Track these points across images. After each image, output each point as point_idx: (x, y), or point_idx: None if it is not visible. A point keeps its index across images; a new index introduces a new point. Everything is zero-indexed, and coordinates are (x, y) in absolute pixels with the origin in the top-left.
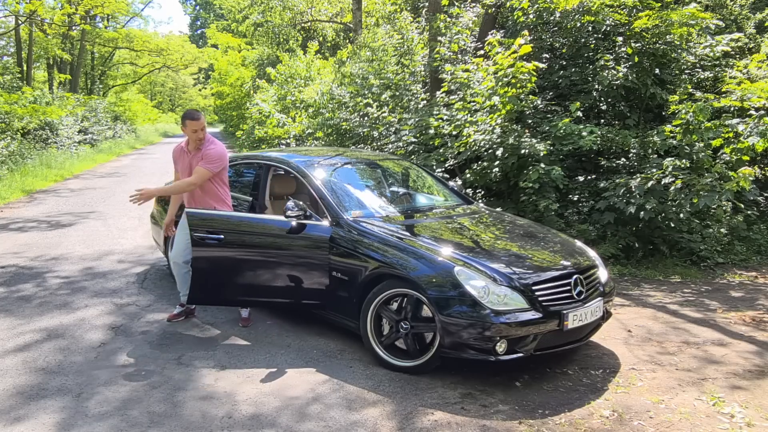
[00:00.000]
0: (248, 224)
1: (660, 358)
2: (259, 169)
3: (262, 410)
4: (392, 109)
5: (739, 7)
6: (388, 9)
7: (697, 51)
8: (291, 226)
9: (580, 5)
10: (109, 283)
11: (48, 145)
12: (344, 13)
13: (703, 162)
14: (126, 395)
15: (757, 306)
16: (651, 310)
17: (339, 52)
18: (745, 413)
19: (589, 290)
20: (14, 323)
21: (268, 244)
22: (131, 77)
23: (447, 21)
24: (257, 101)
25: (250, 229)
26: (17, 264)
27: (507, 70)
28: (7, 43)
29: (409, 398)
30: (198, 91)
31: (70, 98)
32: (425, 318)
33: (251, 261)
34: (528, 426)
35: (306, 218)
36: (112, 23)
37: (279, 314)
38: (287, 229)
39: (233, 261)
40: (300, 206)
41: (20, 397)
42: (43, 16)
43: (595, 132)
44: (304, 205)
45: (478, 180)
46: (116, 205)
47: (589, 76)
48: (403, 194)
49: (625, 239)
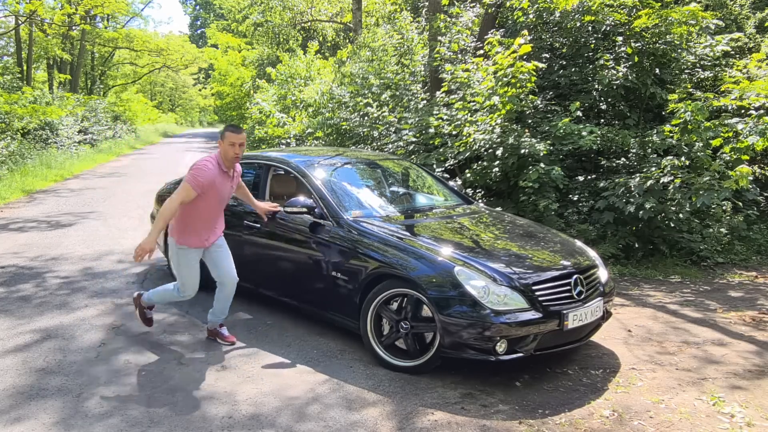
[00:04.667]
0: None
1: (660, 358)
2: (259, 169)
3: (262, 410)
4: (392, 108)
5: (739, 6)
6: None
7: (697, 51)
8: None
9: (580, 5)
10: (109, 283)
11: (48, 145)
12: (344, 13)
13: (702, 161)
14: (126, 395)
15: (757, 306)
16: (651, 310)
17: (339, 52)
18: (745, 413)
19: (589, 290)
20: (14, 323)
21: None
22: (131, 77)
23: (447, 21)
24: (257, 101)
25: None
26: (17, 264)
27: (507, 69)
28: (7, 43)
29: (409, 398)
30: (198, 91)
31: (70, 98)
32: (425, 318)
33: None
34: (528, 426)
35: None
36: (112, 23)
37: (279, 314)
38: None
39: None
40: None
41: (20, 397)
42: (43, 16)
43: (595, 132)
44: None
45: (478, 180)
46: (116, 205)
47: (589, 76)
48: (403, 194)
49: (625, 239)
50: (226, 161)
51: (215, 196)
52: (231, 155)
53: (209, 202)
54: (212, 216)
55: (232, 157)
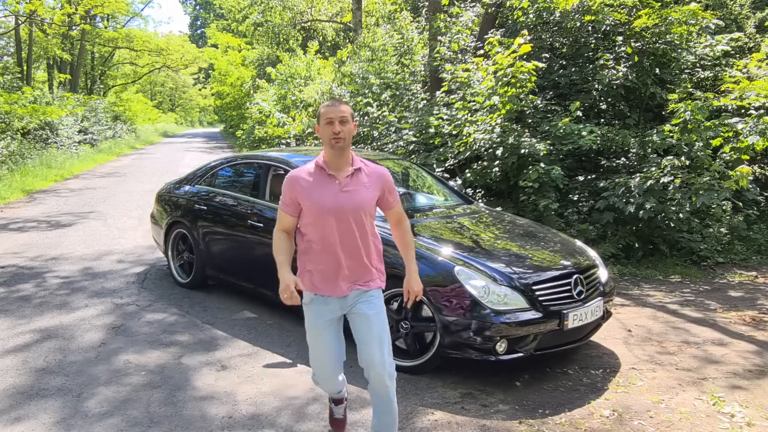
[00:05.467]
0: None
1: (660, 357)
2: (259, 169)
3: (262, 410)
4: (392, 108)
5: (739, 6)
6: (388, 9)
7: (697, 50)
8: None
9: (580, 5)
10: (109, 282)
11: (48, 145)
12: (344, 12)
13: (702, 161)
14: (126, 395)
15: (757, 306)
16: (651, 309)
17: (339, 52)
18: (745, 413)
19: (589, 290)
20: (14, 323)
21: None
22: (131, 77)
23: (447, 21)
24: (257, 101)
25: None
26: (17, 264)
27: (507, 69)
28: (7, 43)
29: (409, 398)
30: (198, 91)
31: (70, 98)
32: (425, 318)
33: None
34: (528, 426)
35: None
36: (112, 23)
37: (279, 314)
38: None
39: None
40: None
41: (20, 397)
42: (43, 16)
43: (595, 132)
44: None
45: (478, 179)
46: (116, 205)
47: (589, 76)
48: (403, 194)
49: (625, 239)
50: (329, 154)
51: (319, 212)
52: (328, 136)
53: (315, 223)
54: (327, 245)
55: (331, 140)
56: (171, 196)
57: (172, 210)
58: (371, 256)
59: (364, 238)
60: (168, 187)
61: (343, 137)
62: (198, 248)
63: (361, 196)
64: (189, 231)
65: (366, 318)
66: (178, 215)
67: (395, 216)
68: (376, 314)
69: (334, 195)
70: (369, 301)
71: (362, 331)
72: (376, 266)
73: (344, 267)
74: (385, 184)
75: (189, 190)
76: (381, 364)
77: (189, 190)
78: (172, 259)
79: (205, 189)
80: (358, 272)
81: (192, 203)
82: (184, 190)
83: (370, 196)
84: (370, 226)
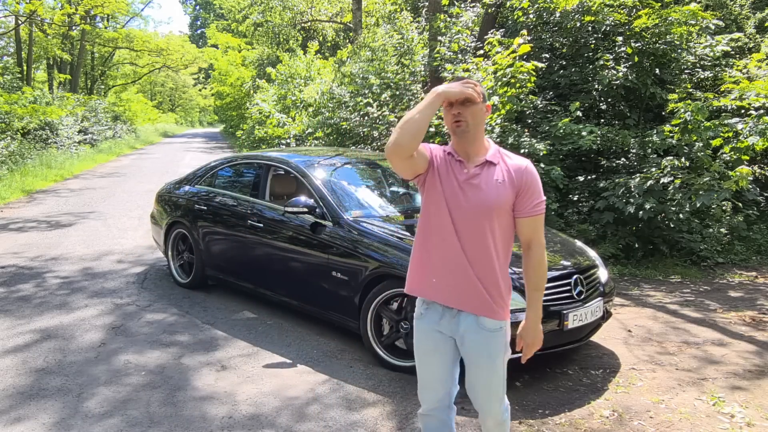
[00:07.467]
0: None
1: (660, 358)
2: (259, 169)
3: (262, 410)
4: (392, 108)
5: (739, 6)
6: (388, 9)
7: (697, 51)
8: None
9: (580, 5)
10: (109, 283)
11: (48, 145)
12: (344, 13)
13: (702, 161)
14: (126, 395)
15: (757, 306)
16: (651, 310)
17: (339, 52)
18: (745, 413)
19: (589, 290)
20: (14, 323)
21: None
22: (131, 77)
23: (447, 21)
24: (257, 101)
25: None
26: (17, 264)
27: (506, 69)
28: (7, 43)
29: (409, 398)
30: (198, 91)
31: (70, 98)
32: None
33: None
34: (528, 426)
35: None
36: (112, 23)
37: (279, 314)
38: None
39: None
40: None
41: (20, 397)
42: (43, 16)
43: (595, 132)
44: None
45: None
46: (116, 205)
47: (589, 76)
48: (403, 194)
49: (625, 239)
50: (455, 140)
51: (441, 202)
52: (449, 121)
53: (438, 213)
54: (446, 244)
55: (453, 124)
56: (171, 197)
57: (172, 210)
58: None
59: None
60: (168, 187)
61: (463, 119)
62: (198, 248)
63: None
64: (189, 231)
65: (478, 349)
66: (178, 215)
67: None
68: (494, 346)
69: (476, 190)
70: (479, 332)
71: (470, 356)
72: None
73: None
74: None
75: (189, 190)
76: (491, 408)
77: (189, 190)
78: (172, 259)
79: (205, 189)
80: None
81: (192, 203)
82: (184, 190)
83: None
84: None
